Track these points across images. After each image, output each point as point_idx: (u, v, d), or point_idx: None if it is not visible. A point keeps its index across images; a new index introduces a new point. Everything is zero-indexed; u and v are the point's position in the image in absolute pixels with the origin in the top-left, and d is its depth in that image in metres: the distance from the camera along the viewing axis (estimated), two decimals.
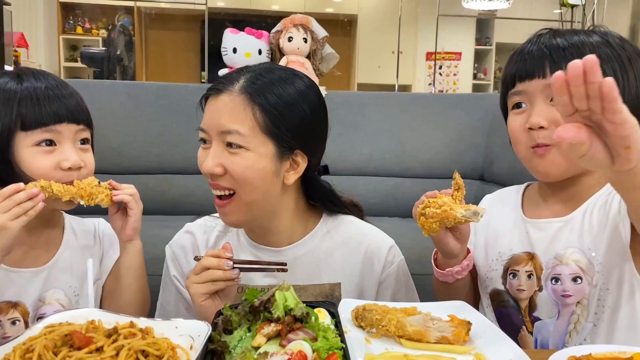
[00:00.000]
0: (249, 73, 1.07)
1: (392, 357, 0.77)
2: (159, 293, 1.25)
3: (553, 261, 1.06)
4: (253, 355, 0.71)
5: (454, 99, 2.83)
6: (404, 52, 6.92)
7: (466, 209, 0.94)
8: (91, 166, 1.15)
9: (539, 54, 1.02)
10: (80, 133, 1.13)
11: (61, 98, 1.10)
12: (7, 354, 0.69)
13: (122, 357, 0.68)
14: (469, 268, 1.09)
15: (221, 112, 1.03)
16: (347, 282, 1.16)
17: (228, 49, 2.71)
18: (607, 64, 0.98)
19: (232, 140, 1.02)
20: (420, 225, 0.99)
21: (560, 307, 1.06)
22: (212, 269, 0.99)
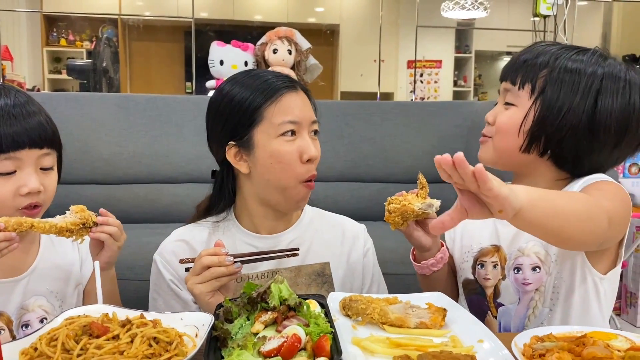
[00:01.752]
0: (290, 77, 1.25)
1: (377, 340, 0.86)
2: (149, 304, 1.28)
3: (516, 253, 1.18)
4: (253, 339, 0.79)
5: (434, 107, 2.94)
6: (386, 60, 7.04)
7: (422, 202, 1.07)
8: (52, 190, 1.14)
9: (511, 63, 1.18)
10: (43, 158, 1.11)
11: (23, 120, 1.08)
12: (34, 342, 0.77)
13: (136, 343, 0.76)
14: (443, 261, 1.20)
15: (307, 105, 1.21)
16: (337, 260, 1.30)
17: (215, 61, 2.81)
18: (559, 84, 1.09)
19: (317, 128, 1.22)
20: (385, 220, 1.12)
21: (520, 294, 1.18)
22: (213, 267, 1.04)
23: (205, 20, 7.26)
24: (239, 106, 1.19)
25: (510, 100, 1.15)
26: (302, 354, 0.76)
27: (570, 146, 1.11)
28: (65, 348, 0.75)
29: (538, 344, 0.83)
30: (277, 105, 1.17)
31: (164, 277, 1.25)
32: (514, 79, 1.14)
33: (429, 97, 7.29)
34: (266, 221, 1.26)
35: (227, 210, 1.29)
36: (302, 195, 1.20)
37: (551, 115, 1.09)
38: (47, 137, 1.11)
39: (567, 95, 1.09)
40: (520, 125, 1.12)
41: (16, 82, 5.37)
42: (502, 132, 1.15)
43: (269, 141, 1.17)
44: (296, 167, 1.17)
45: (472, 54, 7.97)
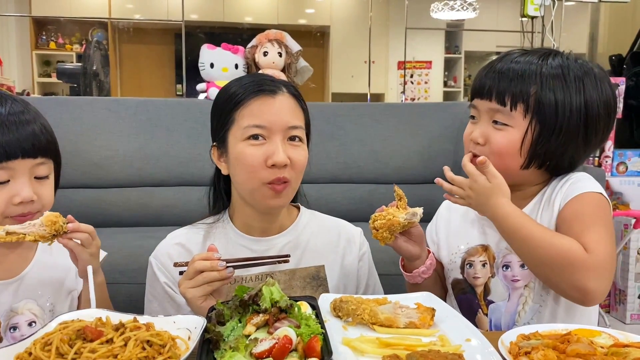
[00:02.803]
0: (284, 80, 1.25)
1: (367, 341, 0.87)
2: (145, 306, 1.30)
3: (504, 251, 1.21)
4: (245, 341, 0.81)
5: (424, 108, 2.96)
6: (376, 61, 7.07)
7: (406, 213, 1.10)
8: (47, 199, 1.14)
9: (492, 78, 1.16)
10: (37, 167, 1.11)
11: (17, 130, 1.08)
12: (28, 347, 0.78)
13: (130, 346, 0.77)
14: (433, 266, 1.23)
15: (284, 110, 1.19)
16: (331, 264, 1.31)
17: (205, 64, 2.81)
18: (549, 87, 1.11)
19: (296, 134, 1.20)
20: (374, 237, 1.14)
21: (510, 290, 1.21)
22: (206, 272, 1.04)
23: (195, 22, 7.26)
24: (220, 108, 1.23)
25: (503, 120, 1.14)
26: (294, 355, 0.78)
27: (569, 153, 1.14)
28: (60, 352, 0.75)
29: (524, 342, 0.85)
30: (247, 109, 1.18)
31: (158, 279, 1.25)
32: (501, 99, 1.13)
33: (420, 97, 7.33)
34: (256, 223, 1.27)
35: (222, 212, 1.31)
36: (268, 196, 1.18)
37: (551, 130, 1.11)
38: (41, 146, 1.11)
39: (563, 107, 1.11)
40: (521, 145, 1.13)
41: (5, 86, 5.34)
42: (502, 154, 1.14)
43: (236, 144, 1.18)
44: (259, 170, 1.15)
45: (462, 55, 8.03)
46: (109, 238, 2.28)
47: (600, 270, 1.02)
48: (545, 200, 1.18)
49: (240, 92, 1.19)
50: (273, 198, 1.19)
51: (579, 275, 1.01)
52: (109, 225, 2.48)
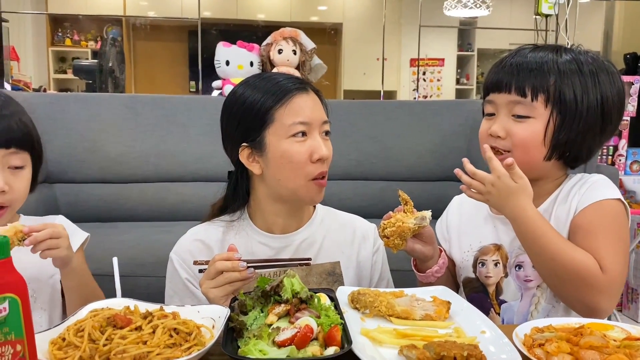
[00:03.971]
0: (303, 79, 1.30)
1: (384, 331, 0.90)
2: (165, 300, 1.31)
3: (517, 251, 1.21)
4: (268, 330, 0.84)
5: (437, 106, 2.97)
6: (389, 58, 7.07)
7: (415, 217, 1.11)
8: (20, 192, 1.16)
9: (509, 72, 1.17)
10: (10, 157, 1.13)
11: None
12: (61, 333, 0.81)
13: (158, 333, 0.81)
14: (445, 265, 1.23)
15: (317, 106, 1.24)
16: (346, 260, 1.32)
17: (221, 62, 2.84)
18: (568, 77, 1.13)
19: (328, 128, 1.26)
20: (385, 245, 1.15)
21: (523, 290, 1.21)
22: (227, 272, 1.06)
23: (209, 19, 7.31)
24: (251, 108, 1.22)
25: (523, 112, 1.14)
26: (314, 344, 0.81)
27: (588, 143, 1.16)
28: (92, 338, 0.79)
29: (538, 335, 0.87)
30: (288, 106, 1.20)
31: (180, 275, 1.28)
32: (521, 91, 1.14)
33: (432, 95, 7.33)
34: (279, 219, 1.29)
35: (241, 209, 1.33)
36: (314, 192, 1.23)
37: (572, 119, 1.13)
38: (14, 137, 1.14)
39: (581, 97, 1.13)
40: (544, 135, 1.14)
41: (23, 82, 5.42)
42: (525, 146, 1.15)
43: (279, 142, 1.19)
44: (306, 166, 1.19)
45: (475, 52, 8.01)
46: (126, 232, 2.33)
47: (613, 291, 1.05)
48: (562, 198, 1.19)
49: (276, 90, 1.21)
50: (318, 193, 1.24)
51: (592, 295, 1.03)
52: (126, 219, 2.52)
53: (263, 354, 0.78)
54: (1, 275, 0.65)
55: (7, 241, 0.66)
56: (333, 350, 0.79)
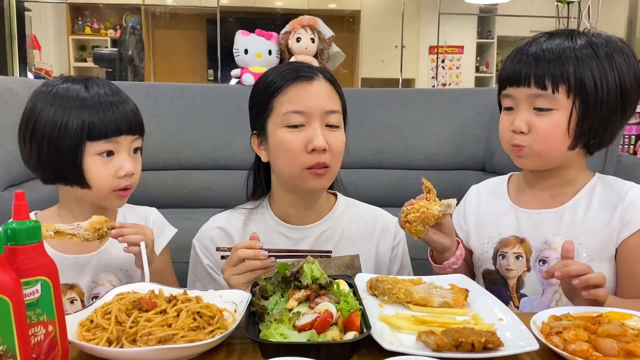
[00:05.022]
0: (319, 67, 1.28)
1: (402, 318, 0.91)
2: (187, 286, 1.34)
3: (542, 245, 1.21)
4: (288, 314, 0.86)
5: (456, 94, 2.95)
6: (407, 46, 7.02)
7: (440, 205, 1.10)
8: (139, 174, 1.26)
9: (527, 63, 1.15)
10: (134, 142, 1.24)
11: (120, 108, 1.19)
12: (89, 315, 0.84)
13: (182, 316, 0.83)
14: (462, 257, 1.22)
15: (322, 95, 1.22)
16: (365, 253, 1.32)
17: (240, 50, 2.85)
18: (586, 64, 1.12)
19: (334, 118, 1.22)
20: (407, 231, 1.14)
21: (545, 285, 1.21)
22: (249, 260, 1.08)
23: (227, 7, 7.31)
24: (258, 96, 1.26)
25: (545, 105, 1.13)
26: (334, 328, 0.82)
27: (610, 128, 1.15)
28: (118, 320, 0.82)
29: (556, 323, 0.88)
30: (285, 95, 1.20)
31: (202, 262, 1.31)
32: (541, 84, 1.12)
33: (451, 83, 7.27)
34: (292, 210, 1.30)
35: (261, 198, 1.35)
36: (309, 180, 1.21)
37: (594, 107, 1.12)
38: (137, 124, 1.24)
39: (601, 82, 1.11)
40: (568, 126, 1.13)
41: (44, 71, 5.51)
42: (549, 140, 1.14)
43: (276, 131, 1.21)
44: (300, 155, 1.18)
45: (495, 40, 7.89)
46: None
47: None
48: (601, 202, 1.19)
49: (278, 79, 1.22)
50: (314, 179, 1.21)
51: None
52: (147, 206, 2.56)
53: (284, 337, 0.80)
54: (33, 259, 0.68)
55: (38, 226, 0.69)
56: (352, 335, 0.81)
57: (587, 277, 0.96)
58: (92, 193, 1.21)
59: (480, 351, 0.77)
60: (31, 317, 0.68)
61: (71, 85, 1.19)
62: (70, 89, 1.19)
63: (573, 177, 1.22)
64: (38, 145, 1.18)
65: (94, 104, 1.17)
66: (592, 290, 0.97)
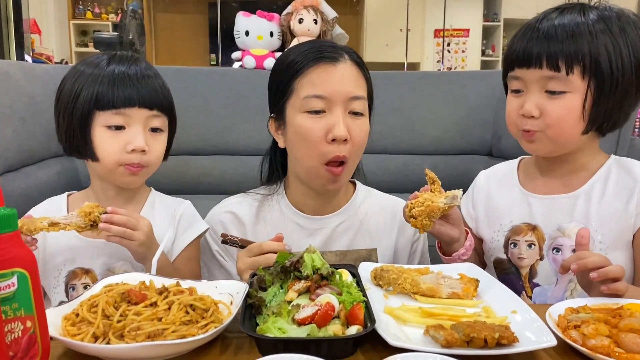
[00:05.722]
0: (346, 47, 1.17)
1: (409, 310, 0.86)
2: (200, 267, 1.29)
3: (555, 232, 1.15)
4: (287, 307, 0.80)
5: (462, 77, 2.87)
6: (412, 29, 6.91)
7: (445, 197, 1.03)
8: (156, 154, 1.19)
9: (539, 43, 1.07)
10: (152, 119, 1.17)
11: (137, 82, 1.14)
12: (75, 308, 0.79)
13: (174, 310, 0.78)
14: (471, 248, 1.15)
15: (347, 79, 1.12)
16: (383, 247, 1.25)
17: (240, 32, 2.77)
18: (600, 41, 1.05)
19: (358, 105, 1.12)
20: (413, 226, 1.07)
21: (559, 275, 1.15)
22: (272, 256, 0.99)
23: None
24: (277, 78, 1.17)
25: (559, 88, 1.06)
26: (336, 322, 0.77)
27: (624, 108, 1.09)
28: (106, 314, 0.77)
29: (573, 315, 0.83)
30: (306, 77, 1.11)
31: (210, 247, 1.25)
32: (554, 65, 1.06)
33: (457, 67, 7.16)
34: (308, 200, 1.23)
35: (278, 183, 1.27)
36: (325, 178, 1.13)
37: (609, 87, 1.05)
38: (157, 99, 1.17)
39: (615, 60, 1.05)
40: (582, 110, 1.07)
41: (45, 56, 5.44)
42: (563, 124, 1.08)
43: (295, 116, 1.12)
44: (320, 146, 1.10)
45: (501, 23, 7.75)
46: None
47: None
48: (617, 186, 1.13)
49: (299, 59, 1.13)
50: (330, 182, 1.14)
51: None
52: None
53: (282, 332, 0.75)
54: (8, 249, 0.62)
55: (14, 213, 0.63)
56: (356, 330, 0.76)
57: (606, 270, 0.89)
58: (101, 167, 1.18)
59: (494, 347, 0.72)
60: (7, 312, 0.63)
61: (97, 59, 1.18)
62: (95, 62, 1.17)
63: (586, 161, 1.17)
64: (58, 115, 1.19)
65: (108, 75, 1.14)
66: (611, 284, 0.90)
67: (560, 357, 0.76)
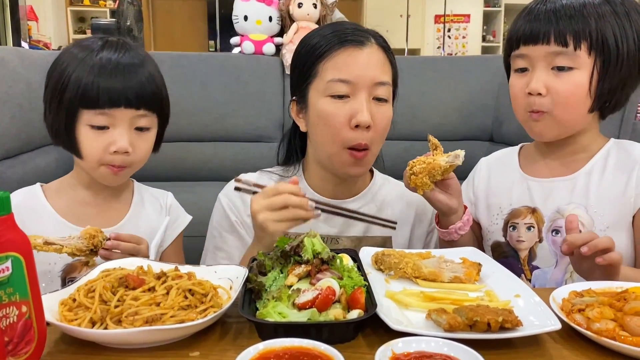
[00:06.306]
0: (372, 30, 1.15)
1: (410, 294, 0.85)
2: (206, 242, 1.27)
3: (554, 214, 1.14)
4: (287, 292, 0.79)
5: (463, 62, 2.84)
6: (413, 15, 6.85)
7: (447, 155, 1.02)
8: (142, 153, 1.14)
9: (545, 20, 1.07)
10: (138, 119, 1.11)
11: (126, 76, 1.07)
12: (72, 293, 0.78)
13: (172, 294, 0.77)
14: (469, 223, 1.15)
15: (372, 64, 1.09)
16: (399, 236, 1.24)
17: (239, 17, 2.74)
18: (607, 20, 1.05)
19: (383, 91, 1.10)
20: (412, 185, 1.05)
21: (558, 257, 1.14)
22: (293, 209, 0.98)
23: None
24: (300, 61, 1.15)
25: (566, 63, 1.06)
26: (337, 306, 0.76)
27: (627, 88, 1.09)
28: (103, 299, 0.76)
29: (577, 299, 0.81)
30: (331, 61, 1.09)
31: (228, 217, 1.23)
32: (562, 40, 1.05)
33: (457, 53, 7.12)
34: (327, 185, 1.22)
35: (295, 165, 1.26)
36: (347, 162, 1.12)
37: (615, 65, 1.05)
38: (145, 97, 1.10)
39: (621, 39, 1.05)
40: (589, 86, 1.06)
41: (42, 42, 5.40)
42: (570, 100, 1.07)
43: (318, 100, 1.10)
44: (342, 131, 1.08)
45: (502, 8, 7.69)
46: None
47: None
48: (616, 167, 1.12)
49: (324, 43, 1.11)
50: (352, 166, 1.12)
51: None
52: (146, 179, 2.49)
53: (282, 316, 0.74)
54: (2, 233, 0.61)
55: (7, 196, 0.62)
56: (357, 314, 0.75)
57: (595, 242, 0.89)
58: (84, 163, 1.14)
59: (497, 331, 0.71)
60: (2, 297, 0.62)
61: (91, 43, 1.12)
62: (88, 46, 1.11)
63: (587, 143, 1.16)
64: (45, 103, 1.14)
65: (96, 65, 1.07)
66: (605, 255, 0.89)
67: (565, 341, 0.75)
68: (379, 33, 1.17)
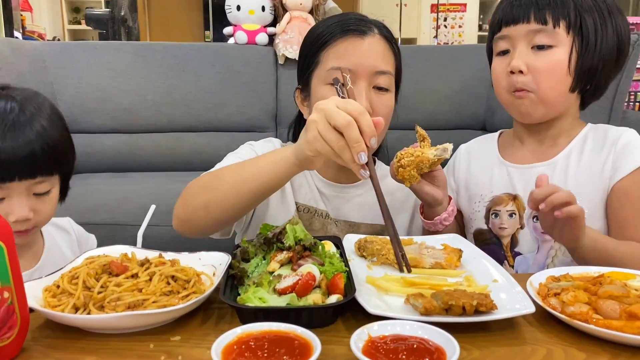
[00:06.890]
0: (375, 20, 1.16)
1: (391, 279, 0.86)
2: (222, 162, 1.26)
3: None
4: (269, 277, 0.81)
5: (457, 51, 2.84)
6: (408, 4, 6.82)
7: (436, 149, 1.03)
8: (45, 214, 1.08)
9: (526, 3, 1.10)
10: (36, 186, 1.03)
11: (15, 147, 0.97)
12: (56, 280, 0.79)
13: (154, 281, 0.78)
14: (454, 213, 1.16)
15: (373, 53, 1.10)
16: (399, 226, 1.24)
17: (232, 7, 2.73)
18: (589, 14, 1.08)
19: (383, 80, 1.11)
20: (400, 177, 1.05)
21: (539, 242, 1.16)
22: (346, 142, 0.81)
23: None
24: (305, 50, 1.18)
25: (545, 42, 1.09)
26: (317, 292, 0.78)
27: (606, 71, 1.12)
28: (86, 285, 0.77)
29: (554, 284, 0.83)
30: (332, 49, 1.11)
31: (255, 152, 1.21)
32: (542, 18, 1.08)
33: (453, 42, 7.09)
34: (330, 171, 1.24)
35: None
36: None
37: (594, 45, 1.09)
38: (40, 164, 1.02)
39: (600, 25, 1.08)
40: (568, 64, 1.09)
41: (37, 33, 5.38)
42: (550, 78, 1.10)
43: (319, 87, 1.12)
44: None
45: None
46: (139, 182, 2.32)
47: None
48: (593, 148, 1.14)
49: (327, 32, 1.13)
50: None
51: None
52: (139, 169, 2.51)
53: (262, 301, 0.75)
54: None
55: None
56: (335, 299, 0.76)
57: (552, 197, 0.89)
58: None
59: (472, 315, 0.72)
60: None
61: None
62: None
63: (568, 128, 1.18)
64: None
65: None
66: (563, 208, 0.89)
67: (539, 324, 0.77)
68: (384, 24, 1.19)
